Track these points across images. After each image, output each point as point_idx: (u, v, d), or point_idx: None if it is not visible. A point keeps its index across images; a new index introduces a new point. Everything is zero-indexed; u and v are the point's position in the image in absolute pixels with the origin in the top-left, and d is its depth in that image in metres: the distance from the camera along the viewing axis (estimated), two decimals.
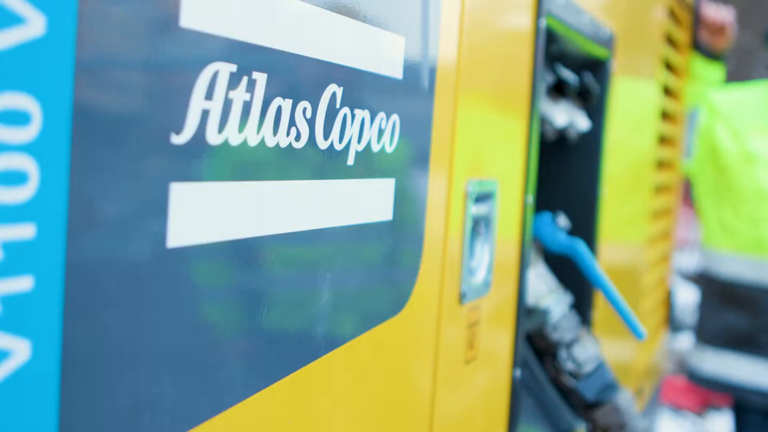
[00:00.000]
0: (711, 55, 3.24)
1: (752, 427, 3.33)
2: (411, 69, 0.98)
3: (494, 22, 1.29)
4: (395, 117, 0.96)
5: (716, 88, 3.35)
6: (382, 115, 0.93)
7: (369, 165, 0.91)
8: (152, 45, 0.59)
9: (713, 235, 3.37)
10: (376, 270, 0.96)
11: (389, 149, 0.95)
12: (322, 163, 0.82)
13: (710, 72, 3.28)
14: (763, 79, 3.51)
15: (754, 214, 3.23)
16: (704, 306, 3.44)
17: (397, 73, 0.96)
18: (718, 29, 3.23)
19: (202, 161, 0.66)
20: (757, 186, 3.21)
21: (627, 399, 1.74)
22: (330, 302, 0.86)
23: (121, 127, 0.57)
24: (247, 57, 0.69)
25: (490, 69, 1.28)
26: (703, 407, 6.56)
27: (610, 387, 1.74)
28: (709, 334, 3.40)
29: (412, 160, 1.02)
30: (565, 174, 1.93)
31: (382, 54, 0.92)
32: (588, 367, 1.72)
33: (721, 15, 3.20)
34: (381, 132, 0.93)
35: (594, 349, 1.73)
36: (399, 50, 0.96)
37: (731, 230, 3.29)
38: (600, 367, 1.74)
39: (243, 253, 0.71)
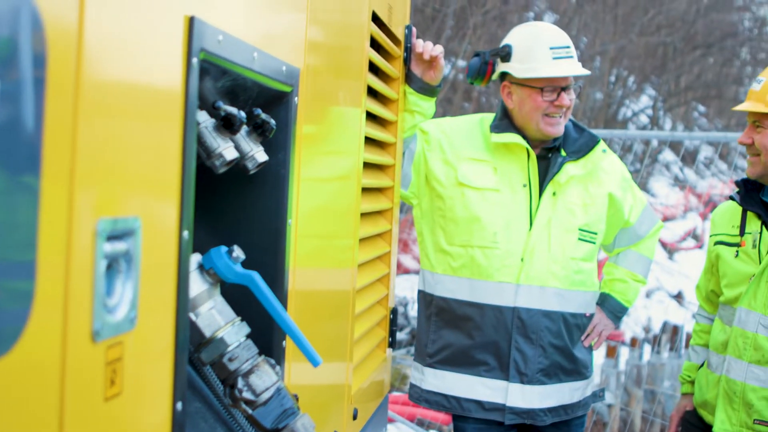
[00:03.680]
0: (423, 87, 3.41)
1: None
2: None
3: (132, 61, 1.30)
4: None
5: (429, 119, 3.52)
6: None
7: None
8: None
9: (430, 258, 3.53)
10: None
11: None
12: None
13: (423, 104, 3.44)
14: (478, 113, 3.73)
15: (466, 238, 3.41)
16: (423, 326, 3.60)
17: None
18: (429, 63, 3.40)
19: None
20: (468, 212, 3.40)
21: (304, 424, 1.79)
22: None
23: None
24: None
25: (127, 112, 1.29)
26: (450, 421, 6.82)
27: (288, 413, 1.78)
28: (428, 354, 3.56)
29: (11, 201, 1.01)
30: (251, 207, 1.98)
31: None
32: (265, 396, 1.76)
33: (431, 49, 3.37)
34: None
35: (272, 377, 1.77)
36: None
37: (446, 254, 3.47)
38: (278, 394, 1.78)
39: None
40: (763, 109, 3.23)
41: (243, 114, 1.68)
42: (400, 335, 10.72)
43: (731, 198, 3.49)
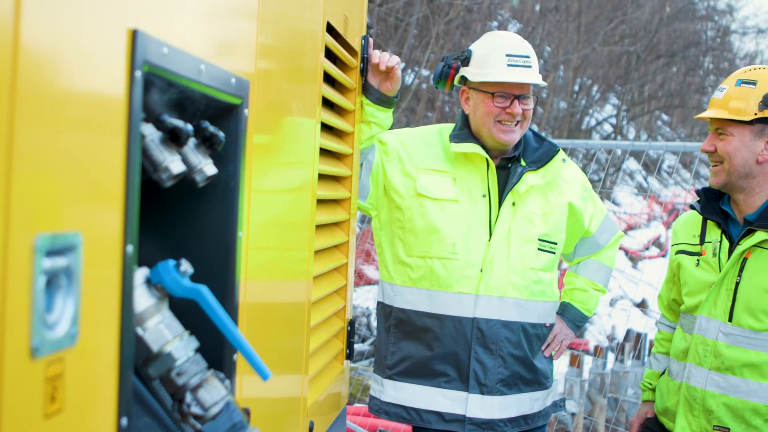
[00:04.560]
0: (380, 98, 3.40)
1: None
2: None
3: (73, 73, 1.28)
4: None
5: (386, 130, 3.52)
6: None
7: None
8: None
9: (389, 270, 3.53)
10: None
11: None
12: None
13: (380, 114, 3.44)
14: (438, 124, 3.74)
15: (425, 249, 3.42)
16: (383, 338, 3.60)
17: None
18: (385, 74, 3.40)
19: None
20: (427, 222, 3.41)
21: None
22: None
23: None
24: None
25: (68, 125, 1.28)
26: None
27: (237, 427, 1.77)
28: (387, 366, 3.55)
29: None
30: (201, 220, 1.96)
31: None
32: (214, 410, 1.75)
33: (387, 59, 3.37)
34: None
35: (221, 392, 1.76)
36: None
37: (405, 265, 3.47)
38: (227, 408, 1.77)
39: None
40: (726, 115, 3.26)
41: (190, 127, 1.66)
42: (363, 346, 10.70)
43: (692, 207, 3.53)
